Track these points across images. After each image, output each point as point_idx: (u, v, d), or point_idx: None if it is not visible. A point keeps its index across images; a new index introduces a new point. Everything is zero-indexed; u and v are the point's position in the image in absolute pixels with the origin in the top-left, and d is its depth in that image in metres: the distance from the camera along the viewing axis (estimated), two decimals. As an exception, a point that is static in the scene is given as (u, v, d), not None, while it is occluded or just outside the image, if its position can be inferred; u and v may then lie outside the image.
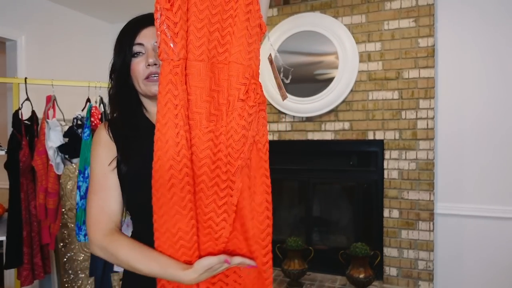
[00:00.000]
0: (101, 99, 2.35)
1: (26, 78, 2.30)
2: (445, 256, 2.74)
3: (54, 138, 2.20)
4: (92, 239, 0.90)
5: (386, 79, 2.79)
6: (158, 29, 0.83)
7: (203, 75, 0.85)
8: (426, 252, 2.69)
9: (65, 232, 2.72)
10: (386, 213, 2.81)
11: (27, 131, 2.30)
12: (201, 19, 0.85)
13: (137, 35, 0.96)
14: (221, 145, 0.85)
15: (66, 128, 2.30)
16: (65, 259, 2.72)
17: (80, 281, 2.73)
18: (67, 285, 2.71)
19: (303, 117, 3.01)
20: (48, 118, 2.27)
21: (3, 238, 2.29)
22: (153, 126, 0.99)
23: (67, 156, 2.26)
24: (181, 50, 0.83)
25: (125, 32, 0.99)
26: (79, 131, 2.25)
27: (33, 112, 2.35)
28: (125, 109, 1.01)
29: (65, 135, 2.25)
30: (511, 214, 2.58)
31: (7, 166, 2.28)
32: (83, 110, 2.34)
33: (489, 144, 2.64)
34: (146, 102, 1.02)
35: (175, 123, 0.82)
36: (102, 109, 2.32)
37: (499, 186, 2.61)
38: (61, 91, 2.49)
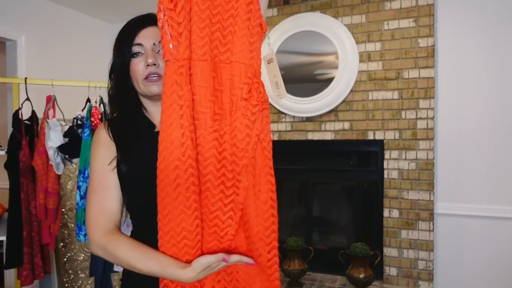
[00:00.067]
0: (101, 99, 2.34)
1: (26, 78, 2.30)
2: (445, 256, 2.75)
3: (54, 138, 2.19)
4: (91, 239, 0.90)
5: (386, 79, 2.79)
6: (161, 29, 0.83)
7: (206, 75, 0.85)
8: (426, 252, 2.70)
9: (65, 232, 2.72)
10: (386, 213, 2.81)
11: (27, 131, 2.30)
12: (203, 19, 0.85)
13: (136, 36, 0.96)
14: (225, 144, 0.84)
15: (66, 128, 2.30)
16: (65, 259, 2.72)
17: (80, 281, 2.73)
18: (67, 285, 2.71)
19: (303, 117, 3.01)
20: (48, 118, 2.26)
21: (3, 238, 2.29)
22: (153, 125, 1.00)
23: (67, 156, 2.26)
24: (186, 50, 0.83)
25: (124, 32, 0.99)
26: (79, 131, 2.25)
27: (33, 112, 2.35)
28: (124, 109, 1.01)
29: (65, 135, 2.25)
30: (511, 214, 2.58)
31: (7, 166, 2.27)
32: (83, 110, 2.34)
33: (489, 144, 2.64)
34: (145, 102, 1.03)
35: (180, 124, 0.82)
36: (102, 109, 2.32)
37: (499, 186, 2.61)
38: (61, 91, 2.49)
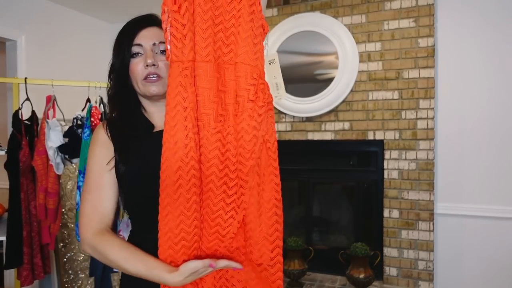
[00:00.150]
0: (101, 99, 2.35)
1: (26, 78, 2.30)
2: (445, 256, 2.75)
3: (54, 138, 2.20)
4: (83, 238, 0.91)
5: (386, 79, 2.79)
6: (165, 31, 0.83)
7: (210, 76, 0.85)
8: (426, 252, 2.70)
9: (65, 232, 2.72)
10: (386, 213, 2.81)
11: (27, 131, 2.30)
12: (205, 20, 0.85)
13: (136, 36, 0.97)
14: (228, 144, 0.84)
15: (66, 128, 2.30)
16: (65, 259, 2.72)
17: (80, 281, 2.73)
18: (67, 285, 2.71)
19: (303, 117, 3.00)
20: (48, 118, 2.26)
21: (3, 238, 2.29)
22: (152, 126, 1.00)
23: (67, 156, 2.26)
24: (190, 52, 0.83)
25: (124, 33, 0.99)
26: (79, 131, 2.25)
27: (33, 112, 2.35)
28: (124, 109, 1.01)
29: (65, 135, 2.25)
30: (511, 214, 2.58)
31: (7, 166, 2.27)
32: (83, 110, 2.34)
33: (489, 144, 2.64)
34: (144, 102, 1.03)
35: (184, 125, 0.82)
36: (102, 109, 2.32)
37: (499, 186, 2.61)
38: (61, 91, 2.48)
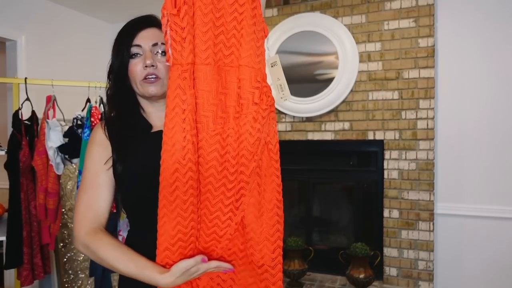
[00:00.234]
0: (101, 99, 2.35)
1: (26, 78, 2.30)
2: (445, 256, 2.75)
3: (54, 138, 2.20)
4: (76, 236, 0.92)
5: (386, 79, 2.79)
6: (165, 34, 0.84)
7: (209, 79, 0.85)
8: (426, 252, 2.70)
9: (65, 232, 2.72)
10: (386, 213, 2.81)
11: (27, 131, 2.30)
12: (205, 23, 0.85)
13: (135, 37, 0.97)
14: (228, 147, 0.85)
15: (66, 128, 2.31)
16: (65, 259, 2.72)
17: (80, 281, 2.73)
18: (67, 285, 2.71)
19: (303, 117, 3.01)
20: (48, 118, 2.26)
21: (3, 238, 2.29)
22: (150, 126, 1.01)
23: (67, 156, 2.26)
24: (189, 54, 0.84)
25: (123, 33, 0.99)
26: (79, 131, 2.25)
27: (33, 112, 2.35)
28: (122, 109, 1.02)
29: (65, 135, 2.25)
30: (511, 214, 2.58)
31: (7, 166, 2.27)
32: (83, 110, 2.34)
33: (489, 144, 2.64)
34: (143, 102, 1.04)
35: (182, 127, 0.82)
36: (102, 109, 2.32)
37: (499, 186, 2.61)
38: (61, 91, 2.48)
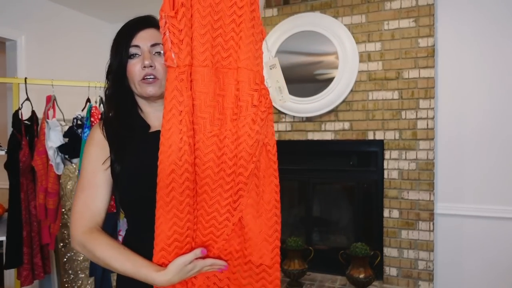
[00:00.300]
0: (101, 99, 2.35)
1: (26, 78, 2.30)
2: (445, 256, 2.75)
3: (54, 138, 2.20)
4: (72, 235, 0.92)
5: (386, 79, 2.79)
6: (163, 36, 0.84)
7: (207, 81, 0.86)
8: (426, 252, 2.70)
9: (65, 232, 2.73)
10: (386, 213, 2.81)
11: (27, 131, 2.30)
12: (204, 25, 0.86)
13: (134, 37, 0.97)
14: (225, 148, 0.86)
15: (66, 128, 2.31)
16: (65, 259, 2.72)
17: (80, 281, 2.73)
18: (67, 285, 2.71)
19: (303, 117, 3.00)
20: (48, 118, 2.27)
21: (3, 238, 2.29)
22: (148, 126, 1.02)
23: (67, 156, 2.26)
24: (187, 56, 0.84)
25: (121, 34, 1.00)
26: (79, 131, 2.25)
27: (33, 112, 2.35)
28: (120, 109, 1.02)
29: (65, 135, 2.25)
30: (511, 214, 2.58)
31: (7, 166, 2.27)
32: (83, 110, 2.34)
33: (489, 143, 2.64)
34: (141, 102, 1.04)
35: (179, 129, 0.83)
36: (102, 109, 2.32)
37: (499, 186, 2.61)
38: (61, 91, 2.49)
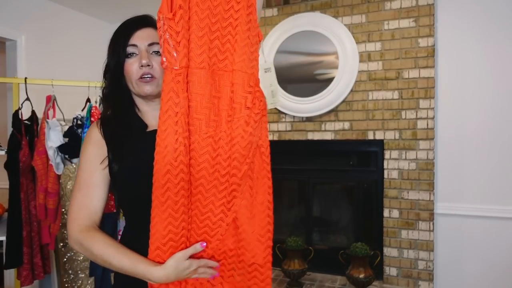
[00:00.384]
0: (101, 99, 2.34)
1: (26, 78, 2.30)
2: (445, 256, 2.75)
3: (54, 138, 2.20)
4: (69, 233, 0.93)
5: (386, 79, 2.79)
6: (160, 38, 0.85)
7: (203, 82, 0.87)
8: (426, 252, 2.70)
9: (65, 232, 2.72)
10: (386, 213, 2.81)
11: (27, 131, 2.30)
12: (201, 28, 0.87)
13: (131, 37, 0.98)
14: (220, 149, 0.87)
15: (66, 128, 2.31)
16: (65, 259, 2.72)
17: (80, 281, 2.73)
18: (67, 285, 2.71)
19: (303, 117, 3.00)
20: (48, 118, 2.27)
21: (3, 238, 2.29)
22: (145, 125, 1.02)
23: (67, 156, 2.26)
24: (183, 58, 0.85)
25: (119, 33, 1.00)
26: (79, 131, 2.25)
27: (33, 112, 2.35)
28: (118, 108, 1.03)
29: (65, 135, 2.25)
30: (511, 214, 2.58)
31: (7, 166, 2.28)
32: (83, 110, 2.34)
33: (489, 143, 2.63)
34: (138, 101, 1.04)
35: (174, 130, 0.84)
36: (102, 109, 2.32)
37: (499, 186, 2.61)
38: (61, 91, 2.49)
